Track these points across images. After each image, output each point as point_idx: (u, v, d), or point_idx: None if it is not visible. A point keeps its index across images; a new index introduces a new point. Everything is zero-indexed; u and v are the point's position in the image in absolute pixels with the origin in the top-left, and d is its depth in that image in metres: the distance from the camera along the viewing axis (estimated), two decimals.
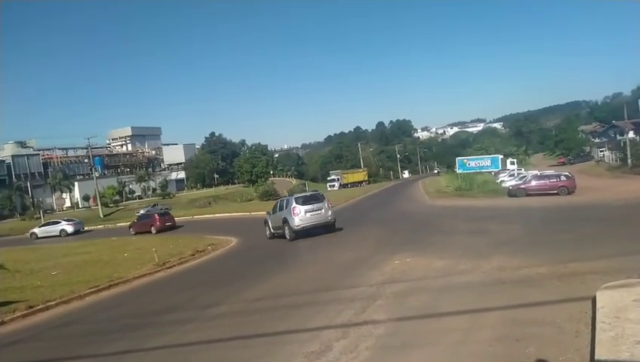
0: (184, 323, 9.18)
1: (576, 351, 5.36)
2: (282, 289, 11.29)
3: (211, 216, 44.16)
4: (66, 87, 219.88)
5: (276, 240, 21.40)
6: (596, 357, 4.82)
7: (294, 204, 19.65)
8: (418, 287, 9.36)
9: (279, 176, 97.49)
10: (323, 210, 19.99)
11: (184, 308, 10.65)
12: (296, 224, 19.39)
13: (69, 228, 40.82)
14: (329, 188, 72.76)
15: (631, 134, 64.33)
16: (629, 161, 45.97)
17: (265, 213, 23.67)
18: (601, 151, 69.13)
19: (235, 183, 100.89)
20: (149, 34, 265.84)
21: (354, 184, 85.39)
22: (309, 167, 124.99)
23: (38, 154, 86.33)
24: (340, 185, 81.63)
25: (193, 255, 19.25)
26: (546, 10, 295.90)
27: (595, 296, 6.64)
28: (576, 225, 15.98)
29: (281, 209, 20.74)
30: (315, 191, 26.49)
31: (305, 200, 20.11)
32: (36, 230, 41.81)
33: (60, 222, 42.43)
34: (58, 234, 40.43)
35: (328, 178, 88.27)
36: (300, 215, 19.44)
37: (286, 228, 19.86)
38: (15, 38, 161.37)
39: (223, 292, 11.79)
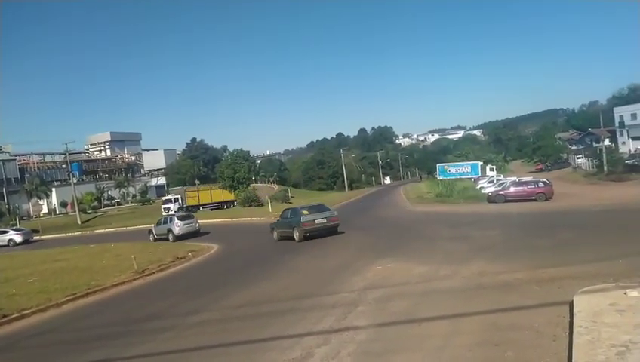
0: (164, 331, 9.06)
1: (554, 355, 5.45)
2: (263, 296, 11.23)
3: None
4: (43, 92, 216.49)
5: (258, 246, 21.37)
6: (573, 361, 4.90)
7: (176, 220, 29.31)
8: (399, 293, 9.40)
9: (261, 182, 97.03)
10: (194, 223, 30.18)
11: (164, 316, 10.50)
12: (177, 232, 28.52)
13: (18, 238, 40.11)
14: (164, 213, 50.60)
15: (607, 142, 65.82)
16: (605, 167, 46.99)
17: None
18: (577, 158, 70.54)
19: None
20: (129, 39, 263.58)
21: (211, 206, 62.42)
22: (292, 173, 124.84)
23: (15, 159, 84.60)
24: (184, 207, 59.32)
25: (173, 262, 19.02)
26: (523, 19, 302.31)
27: (572, 301, 6.76)
28: (554, 230, 16.26)
29: (165, 222, 30.02)
30: (190, 212, 39.83)
31: (181, 218, 30.16)
32: None
33: (8, 231, 41.73)
34: (6, 243, 39.46)
35: (163, 198, 66.68)
36: (179, 226, 28.97)
37: (170, 234, 28.78)
38: None
39: (204, 300, 11.67)
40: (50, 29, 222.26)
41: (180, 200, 60.66)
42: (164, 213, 47.38)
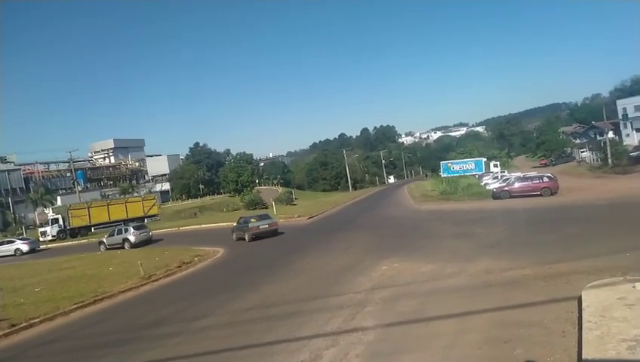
0: (172, 336, 9.06)
1: (564, 350, 5.41)
2: (270, 299, 11.22)
3: (197, 226, 43.75)
4: (46, 101, 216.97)
5: (263, 249, 21.40)
6: (583, 357, 4.86)
7: (132, 230, 32.45)
8: (406, 292, 9.37)
9: (265, 185, 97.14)
10: (148, 232, 33.63)
11: (171, 321, 10.51)
12: (133, 241, 31.53)
13: (25, 247, 39.54)
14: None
15: (610, 134, 65.52)
16: (610, 160, 46.74)
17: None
18: (582, 152, 70.15)
19: (220, 193, 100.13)
20: (130, 45, 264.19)
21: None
22: (295, 174, 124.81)
23: (19, 169, 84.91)
24: (66, 229, 46.62)
25: (180, 267, 19.03)
26: (524, 14, 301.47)
27: (580, 296, 6.71)
28: (560, 225, 16.18)
29: (119, 233, 32.82)
30: (143, 222, 41.76)
31: (137, 228, 33.23)
32: None
33: (14, 241, 41.22)
34: (13, 253, 38.89)
35: (43, 222, 54.39)
36: (136, 235, 32.11)
37: (126, 243, 31.84)
38: None
39: (211, 304, 11.67)
40: (51, 37, 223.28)
41: (60, 221, 47.33)
42: (41, 238, 44.36)
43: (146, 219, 48.81)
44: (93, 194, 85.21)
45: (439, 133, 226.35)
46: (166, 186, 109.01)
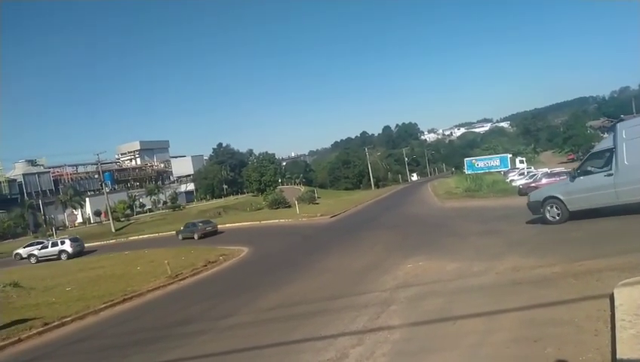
0: (199, 334, 9.18)
1: (597, 350, 5.27)
2: (295, 297, 11.26)
3: (222, 226, 44.24)
4: (74, 105, 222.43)
5: (286, 248, 21.50)
6: (618, 356, 4.73)
7: (68, 242, 36.96)
8: (432, 291, 9.28)
9: (288, 184, 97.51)
10: (82, 243, 38.86)
11: (198, 320, 10.65)
12: (71, 251, 35.88)
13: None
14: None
15: None
16: None
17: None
18: None
19: (244, 193, 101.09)
20: (154, 49, 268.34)
21: None
22: (317, 173, 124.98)
23: (49, 171, 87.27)
24: None
25: (205, 266, 19.29)
26: (548, 8, 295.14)
27: (612, 294, 6.53)
28: (589, 222, 15.77)
29: (54, 245, 37.04)
30: (78, 236, 42.68)
31: (72, 240, 37.75)
32: (21, 251, 39.99)
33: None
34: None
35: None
36: (73, 246, 36.79)
37: (63, 254, 36.14)
38: (21, 57, 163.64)
39: (237, 303, 11.78)
40: (80, 41, 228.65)
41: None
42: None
43: None
44: (121, 195, 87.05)
45: (462, 130, 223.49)
46: (190, 187, 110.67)
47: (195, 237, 35.24)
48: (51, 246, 37.63)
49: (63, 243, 37.59)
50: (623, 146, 12.72)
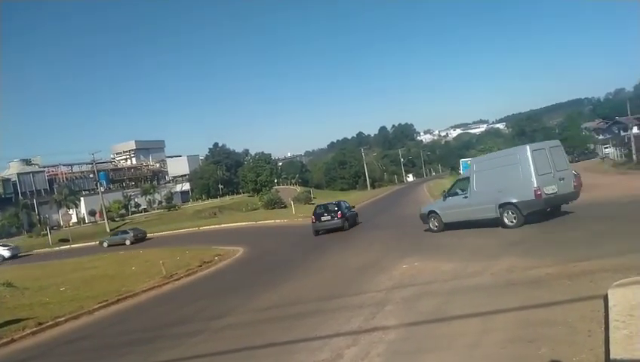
0: (193, 335, 9.15)
1: (590, 350, 5.28)
2: (290, 297, 11.25)
3: (217, 226, 44.17)
4: (69, 104, 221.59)
5: (281, 248, 21.45)
6: (611, 357, 4.74)
7: (2, 248, 40.42)
8: (427, 291, 9.28)
9: (284, 185, 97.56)
10: (18, 249, 42.71)
11: (193, 320, 10.61)
12: (7, 256, 39.20)
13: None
14: None
15: (635, 130, 63.90)
16: (634, 156, 45.65)
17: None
18: (605, 148, 68.77)
19: (239, 193, 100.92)
20: (150, 47, 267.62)
21: None
22: (313, 174, 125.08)
23: (44, 171, 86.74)
24: None
25: (200, 266, 19.25)
26: (544, 10, 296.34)
27: (606, 294, 6.55)
28: (584, 223, 15.83)
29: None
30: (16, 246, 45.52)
31: (4, 246, 40.98)
32: None
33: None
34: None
35: None
36: (7, 253, 39.92)
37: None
38: (16, 56, 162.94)
39: (231, 303, 11.75)
40: (74, 41, 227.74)
41: None
42: None
43: None
44: (116, 195, 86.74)
45: (458, 131, 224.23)
46: (186, 186, 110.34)
47: (127, 242, 39.42)
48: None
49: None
50: (474, 176, 16.40)
